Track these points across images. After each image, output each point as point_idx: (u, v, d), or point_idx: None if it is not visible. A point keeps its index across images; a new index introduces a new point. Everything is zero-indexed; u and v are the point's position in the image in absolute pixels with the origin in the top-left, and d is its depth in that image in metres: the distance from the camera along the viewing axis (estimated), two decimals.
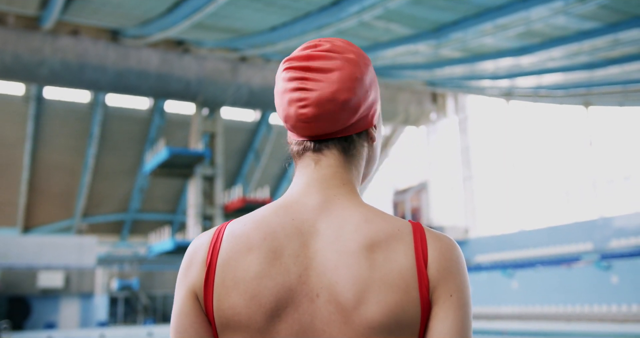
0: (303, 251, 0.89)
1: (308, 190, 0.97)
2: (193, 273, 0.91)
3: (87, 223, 35.83)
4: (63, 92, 31.25)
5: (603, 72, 23.20)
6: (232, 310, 0.87)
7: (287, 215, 0.93)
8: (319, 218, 0.93)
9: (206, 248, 0.92)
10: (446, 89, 32.54)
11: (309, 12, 21.35)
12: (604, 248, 24.51)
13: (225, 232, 0.93)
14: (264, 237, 0.91)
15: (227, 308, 0.88)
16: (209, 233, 0.95)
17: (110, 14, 23.48)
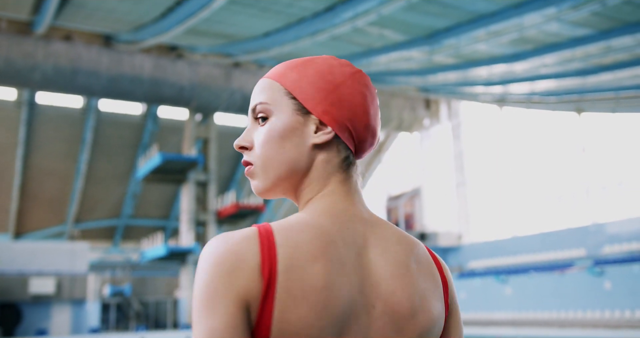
0: (358, 262, 0.90)
1: (353, 201, 0.97)
2: (242, 280, 0.81)
3: (79, 229, 35.63)
4: (55, 97, 31.13)
5: (595, 79, 23.33)
6: (302, 323, 0.82)
7: (341, 224, 0.92)
8: (367, 230, 0.94)
9: (256, 253, 0.83)
10: (439, 95, 32.62)
11: (302, 18, 21.37)
12: (597, 254, 24.57)
13: (277, 237, 0.86)
14: (326, 246, 0.88)
15: (295, 320, 0.82)
16: (248, 237, 0.85)
17: (103, 19, 23.45)
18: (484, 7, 19.03)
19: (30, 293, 26.25)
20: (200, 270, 0.83)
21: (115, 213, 37.02)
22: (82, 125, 32.22)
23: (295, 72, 0.98)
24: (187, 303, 28.01)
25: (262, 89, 0.99)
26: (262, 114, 0.97)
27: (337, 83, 0.97)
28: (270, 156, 0.95)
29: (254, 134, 0.98)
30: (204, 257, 0.84)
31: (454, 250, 32.38)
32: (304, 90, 0.96)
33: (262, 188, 0.97)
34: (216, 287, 0.80)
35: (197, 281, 0.83)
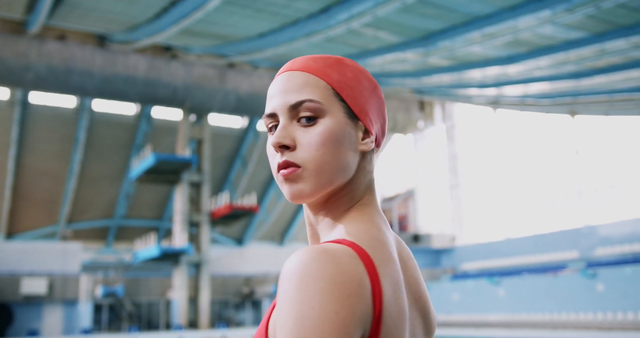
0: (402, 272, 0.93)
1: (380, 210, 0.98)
2: (361, 305, 0.76)
3: (71, 229, 35.47)
4: (49, 97, 30.98)
5: (589, 82, 23.43)
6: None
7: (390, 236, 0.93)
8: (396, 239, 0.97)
9: (366, 275, 0.78)
10: (434, 97, 32.67)
11: (297, 19, 21.36)
12: (589, 257, 24.65)
13: (373, 258, 0.82)
14: (396, 263, 0.88)
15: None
16: (353, 257, 0.79)
17: (97, 19, 23.36)
18: (479, 9, 19.07)
19: (22, 293, 26.10)
20: (313, 290, 0.74)
21: (108, 213, 36.87)
22: (76, 125, 32.07)
23: (336, 71, 0.95)
24: (179, 303, 27.93)
25: (305, 84, 0.92)
26: (311, 113, 0.91)
27: (371, 89, 0.96)
28: (326, 160, 0.90)
29: (295, 133, 0.92)
30: (312, 274, 0.75)
31: (448, 252, 32.43)
32: (351, 94, 0.94)
33: (309, 193, 0.91)
34: (338, 312, 0.73)
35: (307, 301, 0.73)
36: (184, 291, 27.94)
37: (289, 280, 0.76)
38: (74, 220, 36.05)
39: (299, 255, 0.79)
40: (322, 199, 0.95)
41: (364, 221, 0.91)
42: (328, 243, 0.82)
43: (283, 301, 0.76)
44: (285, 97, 0.92)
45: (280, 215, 41.52)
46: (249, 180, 38.05)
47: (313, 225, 1.00)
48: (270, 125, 0.96)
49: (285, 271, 0.78)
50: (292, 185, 0.91)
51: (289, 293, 0.75)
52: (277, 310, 0.77)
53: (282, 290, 0.77)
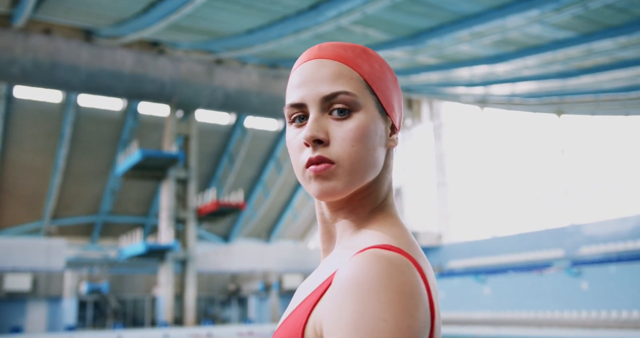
0: None
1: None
2: (427, 317, 0.74)
3: (56, 225, 35.17)
4: (34, 91, 30.66)
5: (576, 82, 23.57)
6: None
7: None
8: None
9: (423, 286, 0.76)
10: (422, 95, 32.73)
11: (286, 16, 21.29)
12: (574, 255, 24.84)
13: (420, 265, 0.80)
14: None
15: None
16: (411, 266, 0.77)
17: (83, 13, 23.12)
18: (467, 8, 19.10)
19: (5, 289, 25.84)
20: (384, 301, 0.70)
21: (94, 209, 36.60)
22: (61, 120, 31.78)
23: (366, 62, 0.89)
24: (164, 300, 27.79)
25: (339, 74, 0.87)
26: (346, 106, 0.85)
27: (394, 81, 0.92)
28: (361, 157, 0.85)
29: (328, 126, 0.86)
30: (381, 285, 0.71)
31: (434, 250, 32.54)
32: (380, 86, 0.89)
33: (341, 190, 0.85)
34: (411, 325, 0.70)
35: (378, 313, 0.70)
36: (170, 288, 27.81)
37: (352, 289, 0.72)
38: (59, 216, 35.75)
39: (361, 261, 0.74)
40: (347, 197, 0.90)
41: (396, 225, 0.87)
42: (380, 249, 0.77)
43: (345, 310, 0.71)
44: (317, 87, 0.86)
45: (266, 212, 41.45)
46: (236, 177, 37.93)
47: (328, 222, 0.94)
48: (295, 115, 0.90)
49: (345, 279, 0.73)
50: (324, 182, 0.85)
51: (355, 304, 0.71)
52: (334, 318, 0.73)
53: (343, 298, 0.72)
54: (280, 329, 0.85)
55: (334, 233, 0.94)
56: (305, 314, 0.82)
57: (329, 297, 0.76)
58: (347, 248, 0.87)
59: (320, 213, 0.95)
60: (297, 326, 0.82)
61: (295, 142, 0.89)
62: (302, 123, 0.89)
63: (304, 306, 0.83)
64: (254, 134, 36.76)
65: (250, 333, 21.36)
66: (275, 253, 34.89)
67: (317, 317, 0.79)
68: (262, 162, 38.56)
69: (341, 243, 0.91)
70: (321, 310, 0.78)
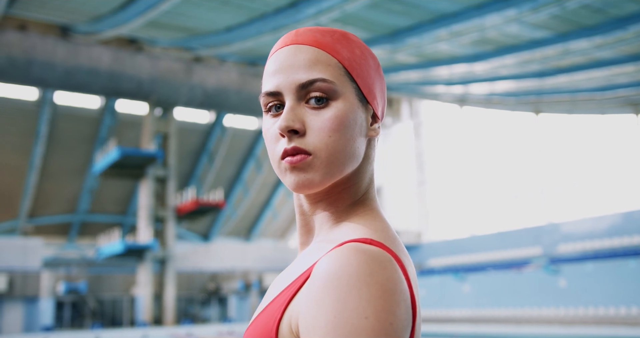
0: None
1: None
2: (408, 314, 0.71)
3: (32, 225, 34.69)
4: (9, 89, 30.19)
5: (553, 81, 23.77)
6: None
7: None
8: None
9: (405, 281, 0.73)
10: (401, 94, 32.81)
11: (265, 13, 21.18)
12: (552, 253, 25.07)
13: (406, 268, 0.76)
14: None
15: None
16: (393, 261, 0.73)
17: (59, 9, 22.78)
18: (446, 7, 19.16)
19: None
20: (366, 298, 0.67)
21: (71, 208, 36.17)
22: (37, 118, 31.33)
23: (345, 48, 0.84)
24: (144, 300, 27.55)
25: (316, 61, 0.82)
26: (323, 94, 0.81)
27: (376, 68, 0.87)
28: (338, 147, 0.81)
29: (304, 116, 0.82)
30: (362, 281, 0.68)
31: (414, 248, 32.66)
32: (360, 73, 0.84)
33: (318, 182, 0.82)
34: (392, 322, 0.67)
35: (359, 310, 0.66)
36: (149, 288, 27.58)
37: (331, 284, 0.68)
38: (35, 215, 35.28)
39: (341, 255, 0.70)
40: (326, 189, 0.86)
41: (377, 219, 0.83)
42: (360, 244, 0.73)
43: (324, 307, 0.67)
44: (293, 75, 0.82)
45: (247, 210, 41.29)
46: (216, 175, 37.73)
47: (307, 215, 0.90)
48: (271, 104, 0.85)
49: (324, 273, 0.69)
50: (300, 174, 0.81)
51: (333, 300, 0.67)
52: (311, 314, 0.68)
53: (322, 294, 0.68)
54: (253, 325, 0.80)
55: (313, 226, 0.90)
56: (280, 309, 0.77)
57: (307, 292, 0.71)
58: (326, 241, 0.83)
59: (298, 204, 0.91)
60: (271, 322, 0.77)
61: (271, 132, 0.84)
62: (278, 112, 0.84)
63: (279, 301, 0.78)
64: (233, 132, 36.58)
65: (230, 333, 21.25)
66: (256, 252, 34.77)
67: (293, 312, 0.74)
68: (241, 161, 38.39)
69: (320, 236, 0.87)
70: (297, 305, 0.74)
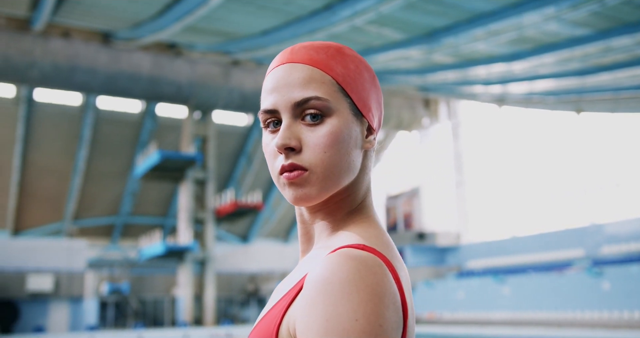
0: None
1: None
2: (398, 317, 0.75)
3: (77, 226, 35.59)
4: (54, 94, 31.08)
5: (594, 79, 23.26)
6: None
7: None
8: None
9: (395, 285, 0.77)
10: (439, 94, 32.55)
11: (300, 16, 21.30)
12: (595, 255, 24.53)
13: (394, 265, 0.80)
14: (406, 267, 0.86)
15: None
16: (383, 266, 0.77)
17: (101, 16, 23.37)
18: (483, 6, 18.95)
19: (28, 290, 26.23)
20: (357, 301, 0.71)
21: (114, 210, 36.98)
22: (81, 122, 32.16)
23: (339, 64, 0.88)
24: (184, 301, 27.98)
25: (310, 79, 0.86)
26: (318, 111, 0.85)
27: (370, 81, 0.91)
28: (333, 162, 0.85)
29: (300, 133, 0.86)
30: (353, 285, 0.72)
31: (453, 250, 32.35)
32: (354, 88, 0.88)
33: (315, 196, 0.86)
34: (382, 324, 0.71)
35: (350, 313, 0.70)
36: (189, 289, 27.99)
37: (323, 289, 0.72)
38: (80, 217, 36.19)
39: (332, 261, 0.75)
40: (324, 200, 0.91)
41: (372, 226, 0.88)
42: (352, 249, 0.78)
43: (316, 310, 0.71)
44: (288, 93, 0.86)
45: (285, 212, 41.51)
46: (254, 178, 38.06)
47: (307, 223, 0.96)
48: (269, 121, 0.89)
49: (317, 279, 0.74)
50: (298, 189, 0.86)
51: (326, 304, 0.71)
52: (306, 318, 0.73)
53: (314, 298, 0.72)
54: (255, 330, 0.85)
55: (313, 234, 0.95)
56: (279, 315, 0.82)
57: (302, 297, 0.76)
58: (324, 248, 0.88)
59: (299, 214, 0.97)
60: (271, 327, 0.82)
61: (270, 148, 0.89)
62: (276, 129, 0.89)
63: (279, 306, 0.83)
64: None
65: None
66: (294, 253, 34.94)
67: (291, 318, 0.79)
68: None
69: (318, 244, 0.92)
70: (295, 310, 0.79)
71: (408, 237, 32.27)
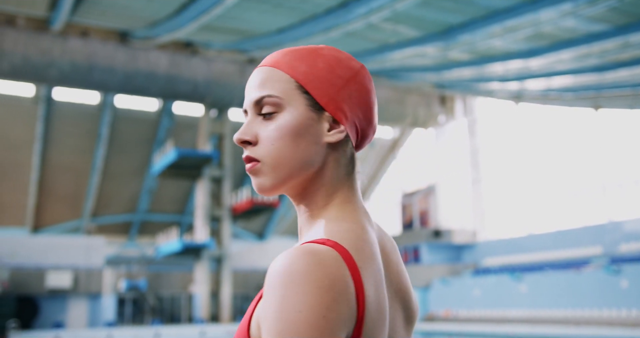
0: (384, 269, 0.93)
1: (364, 206, 0.98)
2: (347, 309, 0.77)
3: (95, 224, 35.96)
4: (72, 93, 31.41)
5: (613, 75, 23.02)
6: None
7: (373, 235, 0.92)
8: (379, 233, 0.97)
9: (350, 277, 0.79)
10: (455, 91, 32.41)
11: (315, 14, 21.33)
12: (613, 252, 24.31)
13: (355, 259, 0.82)
14: (379, 263, 0.88)
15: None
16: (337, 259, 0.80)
17: (118, 16, 23.58)
18: (499, 2, 18.85)
19: (47, 286, 26.56)
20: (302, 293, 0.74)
21: (131, 208, 37.30)
22: (99, 121, 32.48)
23: (304, 64, 0.94)
24: (201, 297, 28.18)
25: (267, 79, 0.94)
26: (271, 108, 0.93)
27: (347, 78, 0.95)
28: (282, 154, 0.91)
29: (257, 128, 0.94)
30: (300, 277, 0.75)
31: (469, 247, 32.23)
32: (317, 85, 0.93)
33: (269, 186, 0.93)
34: (326, 315, 0.74)
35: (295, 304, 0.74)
36: (206, 286, 28.17)
37: (275, 282, 0.76)
38: (98, 215, 36.56)
39: (286, 255, 0.79)
40: (295, 192, 0.96)
41: (347, 220, 0.90)
42: (312, 244, 0.82)
43: (269, 303, 0.76)
44: (250, 94, 0.96)
45: None
46: None
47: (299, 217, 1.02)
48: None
49: (272, 272, 0.78)
50: (255, 178, 0.95)
51: (276, 296, 0.75)
52: (263, 311, 0.77)
53: (268, 291, 0.77)
54: (238, 326, 0.91)
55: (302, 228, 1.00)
56: (250, 310, 0.89)
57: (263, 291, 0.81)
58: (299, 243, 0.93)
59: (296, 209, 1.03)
60: (244, 323, 0.88)
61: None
62: None
63: (252, 303, 0.90)
64: None
65: None
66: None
67: (258, 313, 0.85)
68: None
69: (300, 239, 0.97)
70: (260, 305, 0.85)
71: (424, 235, 32.19)
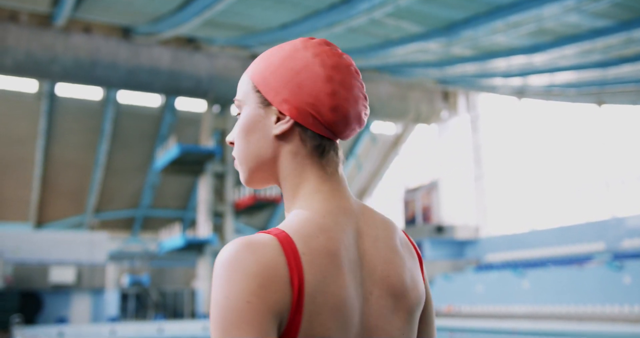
0: (356, 256, 0.92)
1: (341, 194, 0.96)
2: (276, 294, 0.80)
3: (98, 219, 36.05)
4: (75, 89, 31.44)
5: (616, 71, 22.98)
6: (325, 331, 0.83)
7: (340, 223, 0.92)
8: (359, 220, 0.96)
9: (284, 264, 0.82)
10: (457, 87, 32.37)
11: (318, 10, 21.31)
12: (616, 248, 24.31)
13: (298, 246, 0.84)
14: (337, 250, 0.88)
15: (320, 330, 0.83)
16: (272, 247, 0.83)
17: (121, 12, 23.59)
18: None
19: (50, 282, 26.63)
20: (229, 280, 0.80)
21: (134, 203, 37.37)
22: (101, 117, 32.52)
23: (262, 63, 0.99)
24: (204, 293, 28.25)
25: (239, 84, 1.02)
26: (238, 110, 1.02)
27: (298, 69, 0.95)
28: (240, 150, 1.00)
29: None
30: (229, 265, 0.81)
31: (472, 243, 32.25)
32: (266, 81, 0.96)
33: (243, 180, 1.02)
34: (250, 301, 0.78)
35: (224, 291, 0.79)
36: (208, 281, 28.24)
37: (214, 271, 0.83)
38: (101, 210, 36.63)
39: (226, 246, 0.84)
40: (273, 184, 1.03)
41: (310, 209, 0.92)
42: (257, 234, 0.87)
43: (211, 290, 0.83)
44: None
45: None
46: None
47: None
48: None
49: (215, 262, 0.84)
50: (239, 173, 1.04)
51: (214, 285, 0.82)
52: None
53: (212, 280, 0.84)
54: None
55: None
56: None
57: None
58: None
59: None
60: None
61: None
62: None
63: None
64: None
65: None
66: None
67: None
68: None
69: None
70: None
71: (427, 230, 32.22)
